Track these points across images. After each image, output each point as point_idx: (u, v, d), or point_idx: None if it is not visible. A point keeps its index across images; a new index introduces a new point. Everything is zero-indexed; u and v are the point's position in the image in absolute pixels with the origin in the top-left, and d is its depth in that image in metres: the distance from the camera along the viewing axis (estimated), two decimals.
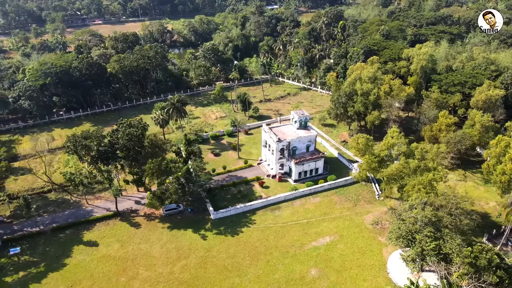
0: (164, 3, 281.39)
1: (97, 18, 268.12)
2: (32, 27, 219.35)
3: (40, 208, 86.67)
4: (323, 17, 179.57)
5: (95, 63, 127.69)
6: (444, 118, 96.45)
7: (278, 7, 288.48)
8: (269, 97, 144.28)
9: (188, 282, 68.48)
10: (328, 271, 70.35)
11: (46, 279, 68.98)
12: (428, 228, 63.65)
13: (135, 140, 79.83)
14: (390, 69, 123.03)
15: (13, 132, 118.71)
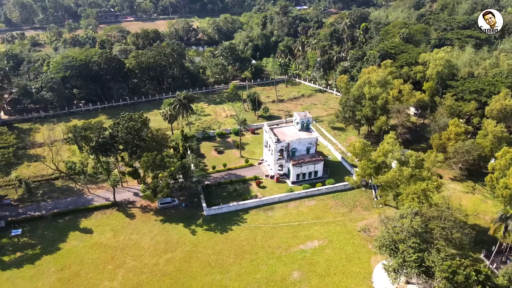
0: (194, 2, 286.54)
1: (129, 15, 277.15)
2: (66, 22, 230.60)
3: (45, 194, 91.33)
4: (346, 19, 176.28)
5: (114, 58, 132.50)
6: (454, 127, 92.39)
7: (307, 8, 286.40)
8: (283, 97, 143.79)
9: (171, 274, 69.91)
10: (311, 275, 69.50)
11: (39, 261, 72.72)
12: (413, 239, 61.54)
13: (133, 134, 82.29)
14: (405, 73, 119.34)
15: (34, 121, 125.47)
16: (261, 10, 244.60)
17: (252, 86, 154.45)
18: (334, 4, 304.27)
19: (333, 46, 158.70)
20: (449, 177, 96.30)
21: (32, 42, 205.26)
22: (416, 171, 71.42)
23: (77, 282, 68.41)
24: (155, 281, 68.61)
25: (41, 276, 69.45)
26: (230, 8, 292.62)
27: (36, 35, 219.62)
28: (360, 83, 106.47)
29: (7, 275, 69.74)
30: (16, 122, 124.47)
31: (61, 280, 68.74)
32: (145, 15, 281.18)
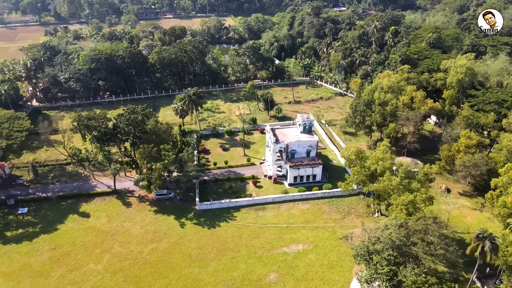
0: (230, 1, 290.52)
1: (169, 13, 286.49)
2: (107, 18, 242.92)
3: (55, 177, 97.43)
4: (376, 21, 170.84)
5: (138, 53, 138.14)
6: (465, 138, 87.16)
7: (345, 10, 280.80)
8: (300, 99, 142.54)
9: (152, 263, 72.18)
10: (287, 279, 68.88)
11: (37, 239, 77.92)
12: (389, 251, 59.23)
13: (134, 125, 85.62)
14: (424, 80, 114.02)
15: (61, 109, 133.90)
16: (295, 10, 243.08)
17: (272, 86, 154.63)
18: (374, 6, 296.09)
19: (357, 49, 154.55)
20: (458, 192, 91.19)
21: (75, 35, 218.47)
22: (405, 182, 68.35)
23: (65, 261, 72.59)
24: (136, 268, 71.20)
25: (35, 253, 74.43)
26: (267, 8, 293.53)
27: (80, 29, 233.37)
28: (371, 88, 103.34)
29: (6, 249, 75.46)
30: (45, 109, 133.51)
31: (52, 258, 73.25)
32: (183, 13, 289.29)
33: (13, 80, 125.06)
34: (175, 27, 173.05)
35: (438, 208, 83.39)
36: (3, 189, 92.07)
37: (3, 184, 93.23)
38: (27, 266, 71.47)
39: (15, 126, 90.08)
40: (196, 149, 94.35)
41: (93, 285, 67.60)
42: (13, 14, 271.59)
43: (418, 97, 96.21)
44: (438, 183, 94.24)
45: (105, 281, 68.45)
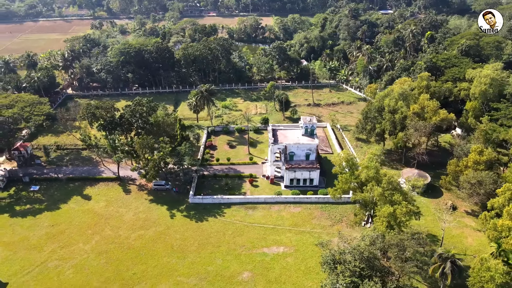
0: (273, 1, 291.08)
1: (212, 11, 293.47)
2: (151, 14, 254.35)
3: (70, 160, 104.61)
4: (412, 25, 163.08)
5: (165, 48, 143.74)
6: (476, 154, 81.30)
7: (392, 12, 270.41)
8: (321, 102, 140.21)
9: (135, 249, 75.41)
10: (259, 279, 68.81)
11: (40, 215, 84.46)
12: (356, 263, 57.26)
13: (138, 117, 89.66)
14: (447, 89, 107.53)
15: (91, 98, 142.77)
16: (335, 12, 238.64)
17: (295, 87, 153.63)
18: (425, 9, 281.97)
19: (387, 54, 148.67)
20: (465, 210, 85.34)
21: (120, 29, 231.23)
22: (387, 193, 65.34)
23: (59, 238, 78.04)
24: (120, 251, 74.82)
25: (35, 228, 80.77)
26: (310, 9, 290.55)
27: (126, 23, 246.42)
28: (383, 94, 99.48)
29: (12, 221, 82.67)
30: (77, 97, 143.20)
31: (48, 234, 79.08)
32: (227, 11, 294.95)
33: (49, 68, 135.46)
34: (205, 24, 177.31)
35: (436, 225, 78.80)
36: (23, 167, 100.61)
37: (24, 162, 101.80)
38: (26, 239, 77.81)
39: (36, 110, 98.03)
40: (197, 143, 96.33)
41: (77, 263, 72.10)
42: (70, 8, 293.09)
43: (430, 107, 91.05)
44: (445, 199, 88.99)
45: (89, 260, 72.71)
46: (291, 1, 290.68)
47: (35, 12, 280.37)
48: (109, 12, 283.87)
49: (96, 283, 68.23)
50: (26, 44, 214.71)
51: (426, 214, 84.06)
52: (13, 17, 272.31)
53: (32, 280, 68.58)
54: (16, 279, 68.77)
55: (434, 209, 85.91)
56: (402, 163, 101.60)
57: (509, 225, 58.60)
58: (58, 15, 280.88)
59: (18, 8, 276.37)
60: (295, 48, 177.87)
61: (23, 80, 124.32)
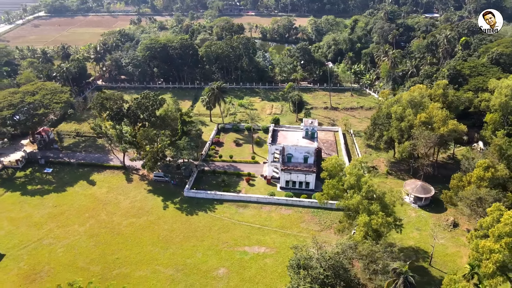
0: (313, 1, 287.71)
1: (251, 10, 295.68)
2: (189, 12, 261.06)
3: (85, 147, 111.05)
4: (448, 30, 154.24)
5: (189, 45, 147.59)
6: (480, 169, 75.97)
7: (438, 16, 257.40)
8: (339, 106, 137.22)
9: (124, 235, 78.84)
10: (234, 277, 69.35)
11: (47, 196, 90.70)
12: (320, 269, 56.18)
13: (143, 109, 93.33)
14: (466, 99, 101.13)
15: (117, 89, 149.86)
16: (373, 14, 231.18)
17: (316, 89, 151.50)
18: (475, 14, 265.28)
19: (413, 60, 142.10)
20: (467, 228, 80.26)
21: (159, 26, 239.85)
22: (365, 202, 62.99)
23: (58, 218, 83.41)
24: (109, 236, 78.59)
25: (40, 207, 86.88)
26: (351, 11, 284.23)
27: (165, 20, 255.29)
28: (392, 101, 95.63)
29: (21, 199, 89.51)
30: (106, 88, 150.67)
31: (50, 214, 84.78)
32: (266, 11, 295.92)
33: (81, 60, 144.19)
34: (233, 23, 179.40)
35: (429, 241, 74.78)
36: (42, 150, 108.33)
37: (44, 146, 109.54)
38: (29, 216, 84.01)
39: (55, 98, 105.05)
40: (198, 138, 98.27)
41: (69, 243, 76.74)
42: (118, 4, 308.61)
43: (438, 116, 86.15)
44: (448, 215, 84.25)
45: (79, 241, 77.12)
46: (331, 2, 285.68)
47: (86, 7, 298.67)
48: (152, 9, 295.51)
49: (81, 263, 72.30)
50: (73, 37, 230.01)
51: (423, 229, 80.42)
52: (66, 12, 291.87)
53: (26, 254, 74.04)
54: (13, 252, 74.59)
55: (433, 224, 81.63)
56: (410, 173, 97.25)
57: (491, 247, 54.48)
58: (106, 10, 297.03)
59: (71, 3, 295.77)
60: (322, 50, 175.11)
61: (54, 70, 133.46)
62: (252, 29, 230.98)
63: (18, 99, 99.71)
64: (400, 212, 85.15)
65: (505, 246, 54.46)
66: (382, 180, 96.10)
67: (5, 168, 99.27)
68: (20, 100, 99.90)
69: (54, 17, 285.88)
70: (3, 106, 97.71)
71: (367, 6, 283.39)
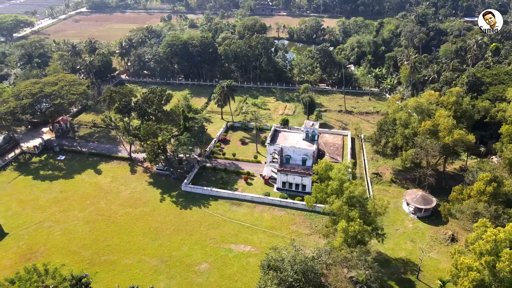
0: (347, 2, 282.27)
1: (283, 10, 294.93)
2: (220, 10, 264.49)
3: (98, 137, 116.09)
4: (479, 35, 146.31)
5: (209, 43, 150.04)
6: (481, 183, 71.93)
7: None
8: (354, 110, 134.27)
9: (118, 224, 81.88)
10: (214, 273, 70.21)
11: (56, 181, 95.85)
12: (290, 272, 55.74)
13: (149, 103, 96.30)
14: (482, 108, 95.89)
15: (139, 84, 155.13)
16: (405, 16, 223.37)
17: (334, 92, 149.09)
18: None
19: (434, 65, 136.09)
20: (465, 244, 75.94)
21: (190, 24, 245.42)
22: (345, 208, 61.50)
23: (62, 203, 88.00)
24: (104, 223, 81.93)
25: (48, 191, 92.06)
26: (386, 13, 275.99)
27: (196, 18, 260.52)
28: (398, 106, 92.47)
29: (32, 183, 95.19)
30: (128, 83, 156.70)
31: (55, 198, 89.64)
32: (298, 11, 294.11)
33: (106, 55, 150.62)
34: (256, 22, 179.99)
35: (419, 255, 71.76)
36: (59, 138, 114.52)
37: (62, 134, 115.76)
38: (36, 200, 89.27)
39: (72, 89, 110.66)
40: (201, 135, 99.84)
41: (66, 228, 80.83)
42: (154, 2, 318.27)
43: (443, 125, 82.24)
44: (447, 228, 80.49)
45: (76, 227, 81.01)
46: (365, 4, 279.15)
47: (125, 4, 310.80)
48: (187, 7, 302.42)
49: (74, 247, 75.97)
50: (108, 32, 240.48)
51: (418, 241, 77.06)
52: (106, 8, 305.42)
53: (27, 235, 78.84)
54: (16, 232, 79.68)
55: (430, 237, 78.28)
56: (415, 183, 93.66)
57: (469, 264, 51.59)
58: (143, 7, 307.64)
59: (111, 0, 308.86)
60: (345, 52, 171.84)
61: (78, 63, 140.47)
62: (279, 29, 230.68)
63: (37, 89, 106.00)
64: (396, 222, 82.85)
65: (485, 264, 51.43)
66: (384, 188, 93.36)
67: (23, 153, 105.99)
68: (39, 89, 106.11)
69: (94, 13, 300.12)
70: (23, 95, 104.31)
71: (403, 8, 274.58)
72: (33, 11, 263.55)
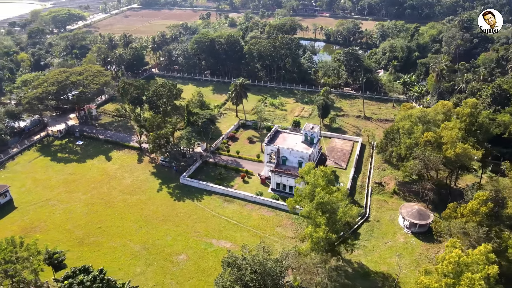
0: (393, 5, 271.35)
1: (327, 11, 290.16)
2: (260, 10, 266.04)
3: (116, 126, 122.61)
4: None
5: (235, 41, 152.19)
6: (475, 202, 66.99)
7: None
8: (372, 116, 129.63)
9: (114, 208, 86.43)
10: (190, 265, 71.97)
11: (69, 164, 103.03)
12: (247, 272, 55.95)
13: (159, 97, 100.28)
14: (503, 122, 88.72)
15: (167, 78, 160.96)
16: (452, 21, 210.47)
17: (357, 96, 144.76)
18: None
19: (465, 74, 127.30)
20: None
21: (230, 22, 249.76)
22: (313, 213, 60.15)
23: (69, 185, 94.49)
24: (101, 207, 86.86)
25: (60, 173, 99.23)
26: (435, 17, 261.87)
27: (237, 17, 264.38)
28: (404, 115, 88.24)
29: (49, 164, 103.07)
30: (158, 76, 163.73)
31: (65, 180, 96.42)
32: (341, 13, 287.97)
33: (138, 49, 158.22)
34: (286, 23, 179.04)
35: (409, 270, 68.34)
36: (82, 124, 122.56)
37: (85, 121, 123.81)
38: (48, 179, 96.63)
39: (95, 80, 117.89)
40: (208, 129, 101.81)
41: (67, 207, 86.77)
42: (200, 0, 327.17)
43: (446, 137, 77.27)
44: (440, 247, 75.70)
45: (76, 208, 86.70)
46: (413, 7, 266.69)
47: (173, 1, 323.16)
48: (231, 6, 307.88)
49: (69, 226, 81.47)
50: (152, 28, 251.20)
51: (405, 257, 73.62)
52: (155, 5, 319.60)
53: (32, 210, 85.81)
54: (24, 207, 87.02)
55: (419, 254, 74.26)
56: (419, 196, 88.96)
57: (427, 284, 48.60)
58: (189, 5, 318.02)
59: None
60: (377, 56, 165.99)
61: (110, 55, 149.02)
62: (316, 31, 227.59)
63: (63, 78, 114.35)
64: (387, 235, 79.57)
65: (445, 287, 48.19)
66: (384, 199, 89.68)
67: (48, 136, 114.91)
68: (65, 78, 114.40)
69: (144, 9, 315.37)
70: (50, 83, 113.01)
71: (455, 12, 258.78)
72: (86, 6, 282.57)
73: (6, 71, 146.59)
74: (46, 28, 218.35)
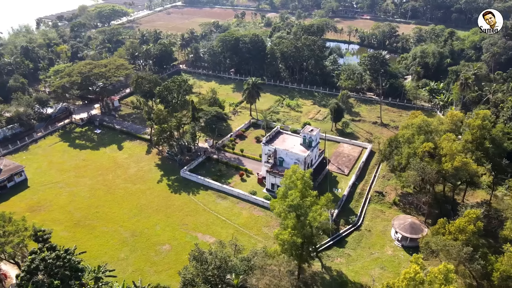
0: (439, 8, 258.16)
1: (368, 13, 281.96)
2: (297, 10, 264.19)
3: (134, 118, 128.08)
4: None
5: (259, 41, 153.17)
6: (463, 220, 63.13)
7: None
8: (390, 123, 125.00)
9: (114, 195, 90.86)
10: (171, 255, 74.19)
11: (83, 150, 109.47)
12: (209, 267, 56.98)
13: (169, 91, 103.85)
14: None
15: (192, 74, 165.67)
16: None
17: (378, 102, 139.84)
18: None
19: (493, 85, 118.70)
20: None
21: (266, 22, 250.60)
22: (283, 215, 59.58)
23: (80, 170, 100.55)
24: (102, 193, 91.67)
25: (74, 158, 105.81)
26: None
27: (273, 17, 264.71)
28: (406, 124, 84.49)
29: (66, 149, 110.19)
30: (184, 72, 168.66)
31: (77, 165, 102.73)
32: (383, 15, 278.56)
33: (167, 45, 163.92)
34: (313, 24, 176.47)
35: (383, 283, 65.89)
36: (103, 114, 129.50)
37: (107, 111, 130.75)
38: (63, 163, 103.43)
39: (117, 73, 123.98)
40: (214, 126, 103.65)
41: (73, 191, 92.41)
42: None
43: (445, 149, 73.05)
44: (430, 264, 71.72)
45: (79, 192, 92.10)
46: (460, 11, 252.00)
47: (214, 0, 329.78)
48: (271, 5, 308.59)
49: (70, 208, 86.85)
50: (190, 25, 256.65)
51: (389, 270, 71.07)
52: (198, 3, 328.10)
53: (42, 190, 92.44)
54: (35, 187, 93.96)
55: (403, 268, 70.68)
56: (419, 208, 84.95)
57: None
58: (230, 4, 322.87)
59: None
60: (406, 61, 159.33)
61: (138, 50, 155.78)
62: (351, 33, 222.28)
63: (87, 69, 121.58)
64: (375, 246, 77.11)
65: None
66: (382, 209, 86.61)
67: (70, 123, 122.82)
68: (89, 70, 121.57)
69: (187, 7, 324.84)
70: (75, 73, 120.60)
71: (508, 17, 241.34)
72: (130, 2, 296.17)
73: (46, 60, 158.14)
74: (91, 22, 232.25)
